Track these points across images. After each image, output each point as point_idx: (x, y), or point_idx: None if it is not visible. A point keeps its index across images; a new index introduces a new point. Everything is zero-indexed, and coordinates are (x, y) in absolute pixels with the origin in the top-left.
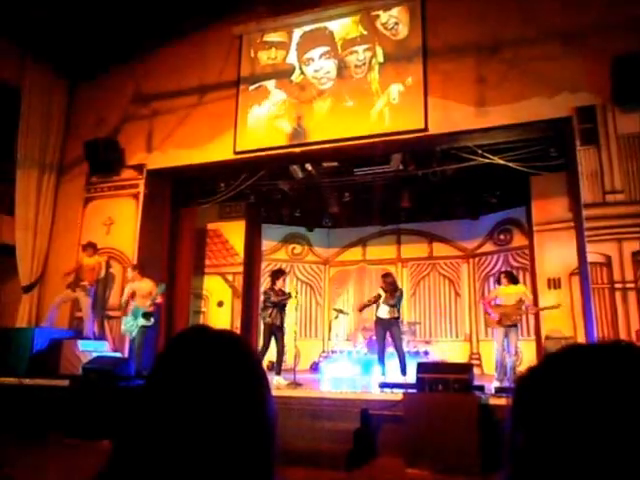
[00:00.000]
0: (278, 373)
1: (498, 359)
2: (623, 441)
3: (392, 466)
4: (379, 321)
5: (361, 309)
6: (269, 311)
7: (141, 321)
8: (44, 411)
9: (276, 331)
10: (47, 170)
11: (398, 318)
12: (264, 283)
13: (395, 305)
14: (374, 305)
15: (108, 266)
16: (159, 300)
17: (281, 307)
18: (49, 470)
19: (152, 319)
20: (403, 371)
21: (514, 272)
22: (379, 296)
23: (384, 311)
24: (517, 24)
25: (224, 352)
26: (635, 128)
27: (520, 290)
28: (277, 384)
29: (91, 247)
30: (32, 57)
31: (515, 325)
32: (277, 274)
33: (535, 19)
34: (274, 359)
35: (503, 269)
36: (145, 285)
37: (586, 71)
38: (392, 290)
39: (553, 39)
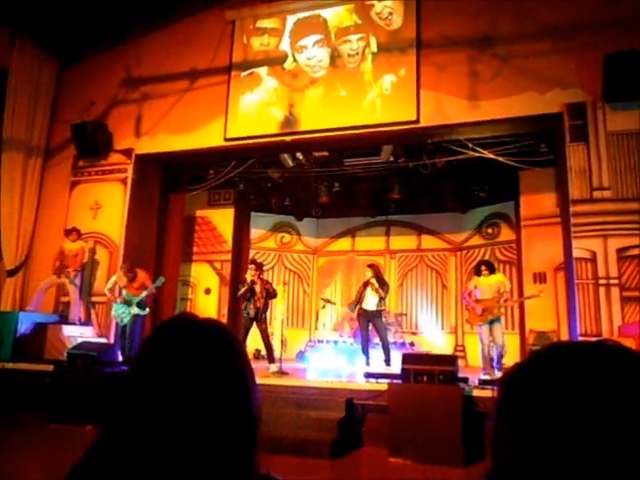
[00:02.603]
0: (271, 361)
1: (485, 352)
2: (606, 436)
3: (376, 455)
4: (363, 312)
5: (351, 306)
6: (243, 305)
7: (135, 310)
8: (28, 396)
9: (257, 323)
10: (33, 152)
11: (382, 311)
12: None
13: (383, 298)
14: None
15: (94, 251)
16: (153, 291)
17: (252, 299)
18: (32, 455)
19: (147, 309)
20: (387, 361)
21: (492, 261)
22: (366, 284)
23: (371, 303)
24: (511, 20)
25: (209, 341)
26: (624, 126)
27: (499, 279)
28: (269, 372)
29: (75, 232)
30: (21, 37)
31: (498, 319)
32: (250, 264)
33: (529, 15)
34: (260, 348)
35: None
36: (139, 278)
37: (578, 68)
38: (380, 283)
39: (546, 36)
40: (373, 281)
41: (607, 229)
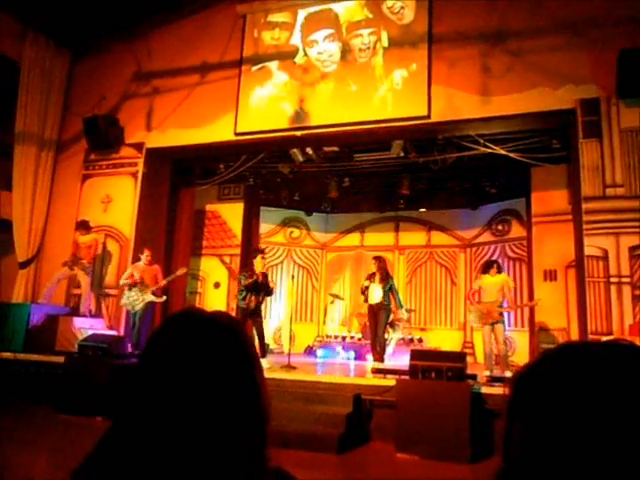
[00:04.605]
0: (263, 356)
1: (487, 351)
2: (618, 437)
3: (383, 450)
4: (370, 307)
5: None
6: (243, 295)
7: (150, 297)
8: (39, 387)
9: (252, 316)
10: (45, 146)
11: (388, 305)
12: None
13: (387, 294)
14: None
15: (105, 244)
16: (164, 283)
17: (255, 290)
18: (42, 445)
19: (164, 296)
20: (380, 357)
21: (499, 261)
22: (370, 277)
23: (376, 297)
24: (524, 14)
25: (216, 334)
26: (638, 122)
27: (503, 278)
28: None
29: (83, 226)
30: (33, 31)
31: (500, 321)
32: (252, 253)
33: (542, 10)
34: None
35: (500, 259)
36: (153, 269)
37: (591, 63)
38: (383, 276)
39: (559, 30)
40: (366, 282)
41: (619, 227)
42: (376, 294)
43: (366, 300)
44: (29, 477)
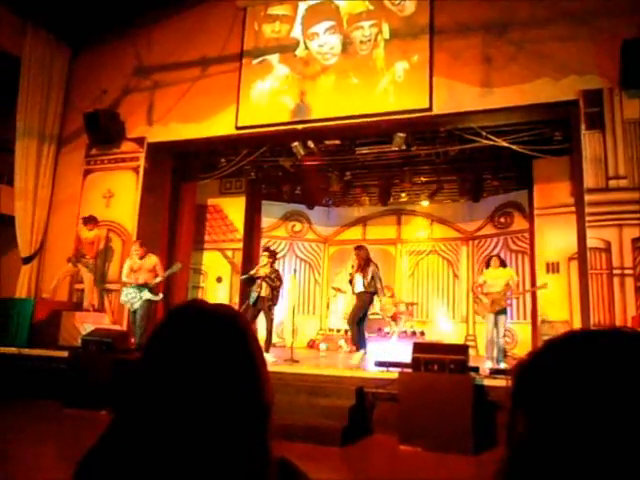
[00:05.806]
0: (266, 350)
1: (489, 338)
2: (624, 428)
3: (386, 443)
4: (356, 295)
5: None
6: (249, 290)
7: (147, 295)
8: (43, 381)
9: (263, 309)
10: (47, 141)
11: (373, 293)
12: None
13: (370, 281)
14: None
15: (107, 239)
16: (160, 280)
17: (251, 286)
18: (47, 439)
19: (161, 294)
20: (357, 347)
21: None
22: (356, 268)
23: (357, 286)
24: (527, 4)
25: (220, 326)
26: None
27: (508, 274)
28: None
29: (92, 221)
30: (33, 26)
31: (504, 310)
32: (264, 252)
33: (545, 0)
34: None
35: (502, 252)
36: (149, 261)
37: (594, 54)
38: (363, 264)
39: (562, 21)
40: (355, 264)
41: (622, 218)
42: (358, 284)
43: (354, 292)
44: (34, 470)
